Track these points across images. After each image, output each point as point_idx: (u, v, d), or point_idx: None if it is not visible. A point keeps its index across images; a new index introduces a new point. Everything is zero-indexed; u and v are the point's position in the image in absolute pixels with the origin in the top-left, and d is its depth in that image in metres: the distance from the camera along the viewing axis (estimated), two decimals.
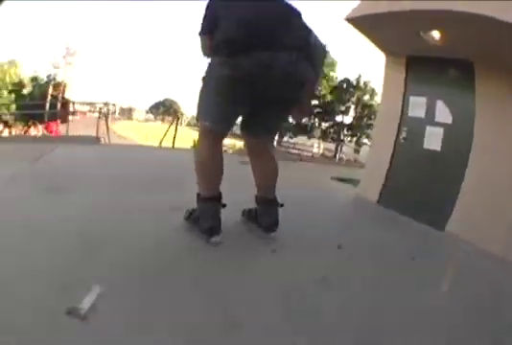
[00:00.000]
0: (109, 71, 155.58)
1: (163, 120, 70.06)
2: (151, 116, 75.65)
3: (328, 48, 2.21)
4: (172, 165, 4.26)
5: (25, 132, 14.66)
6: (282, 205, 2.00)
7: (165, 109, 72.71)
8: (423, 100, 3.52)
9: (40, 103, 17.59)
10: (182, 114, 75.45)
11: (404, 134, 3.52)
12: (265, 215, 1.99)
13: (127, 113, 72.67)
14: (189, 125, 72.33)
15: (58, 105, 18.60)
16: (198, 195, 1.84)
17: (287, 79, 1.65)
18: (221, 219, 1.80)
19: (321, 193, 3.97)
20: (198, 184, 1.84)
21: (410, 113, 3.60)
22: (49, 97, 17.96)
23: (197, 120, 1.92)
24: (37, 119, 15.89)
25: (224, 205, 1.82)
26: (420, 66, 3.57)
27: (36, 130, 19.71)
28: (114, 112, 70.64)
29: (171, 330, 1.09)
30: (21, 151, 4.34)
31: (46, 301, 1.11)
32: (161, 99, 75.16)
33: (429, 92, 3.48)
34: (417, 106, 3.57)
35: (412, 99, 3.62)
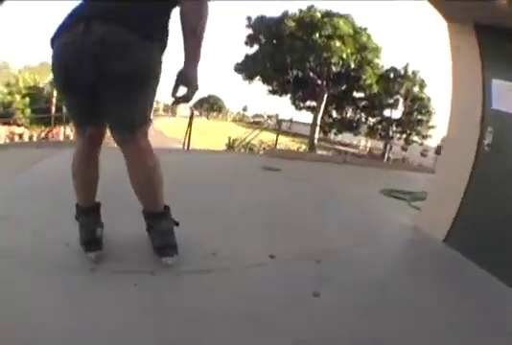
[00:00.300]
0: None
1: (208, 116, 70.81)
2: (195, 112, 76.19)
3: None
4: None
5: (45, 136, 14.65)
6: (177, 224, 1.64)
7: (209, 105, 73.18)
8: (510, 85, 2.26)
9: (47, 107, 17.42)
10: (227, 109, 76.68)
11: (488, 139, 2.27)
12: (155, 233, 1.63)
13: (171, 110, 74.06)
14: (234, 120, 72.74)
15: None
16: (77, 204, 1.68)
17: (75, 53, 1.34)
18: (95, 234, 1.57)
19: (366, 223, 2.78)
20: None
21: (495, 105, 2.35)
22: (54, 100, 17.74)
23: None
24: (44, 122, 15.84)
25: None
26: (496, 37, 2.29)
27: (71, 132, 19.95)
28: (158, 109, 72.61)
29: None
30: (15, 159, 3.97)
31: None
32: (205, 95, 75.41)
33: None
34: (504, 94, 2.31)
35: (496, 83, 2.36)
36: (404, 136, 17.85)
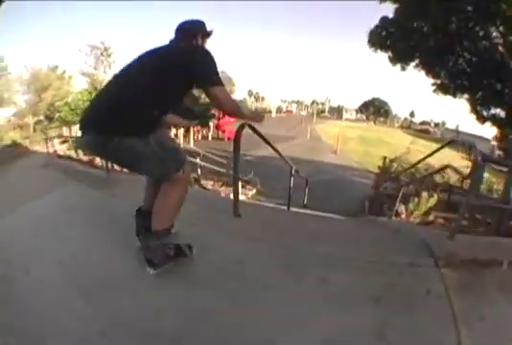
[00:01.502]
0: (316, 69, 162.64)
1: (375, 121, 65.61)
2: (361, 116, 71.82)
3: None
4: None
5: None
6: (183, 253, 1.93)
7: (375, 109, 67.79)
8: None
9: None
10: (394, 114, 69.11)
11: None
12: (144, 243, 1.90)
13: (336, 112, 71.78)
14: (402, 126, 64.96)
15: None
16: None
17: None
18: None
19: None
20: None
21: None
22: None
23: None
24: None
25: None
26: None
27: (207, 131, 20.40)
28: (323, 111, 71.10)
29: None
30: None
31: None
32: (369, 98, 70.22)
33: None
34: None
35: None
36: None
